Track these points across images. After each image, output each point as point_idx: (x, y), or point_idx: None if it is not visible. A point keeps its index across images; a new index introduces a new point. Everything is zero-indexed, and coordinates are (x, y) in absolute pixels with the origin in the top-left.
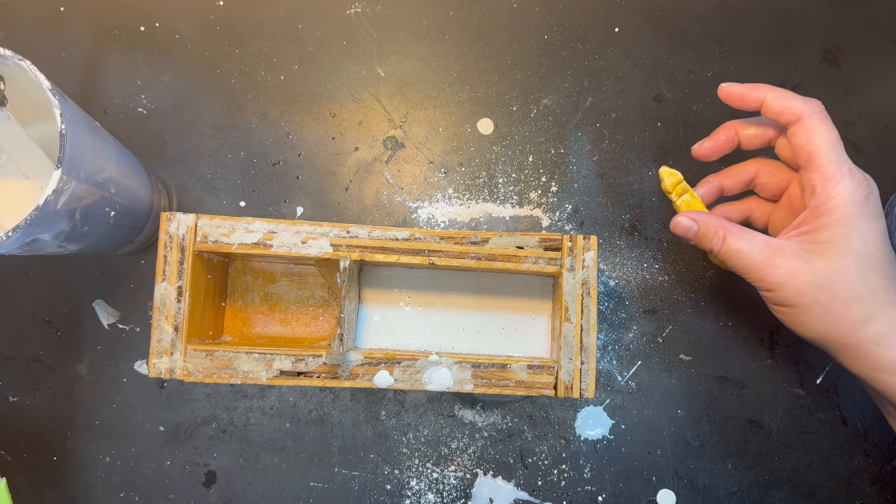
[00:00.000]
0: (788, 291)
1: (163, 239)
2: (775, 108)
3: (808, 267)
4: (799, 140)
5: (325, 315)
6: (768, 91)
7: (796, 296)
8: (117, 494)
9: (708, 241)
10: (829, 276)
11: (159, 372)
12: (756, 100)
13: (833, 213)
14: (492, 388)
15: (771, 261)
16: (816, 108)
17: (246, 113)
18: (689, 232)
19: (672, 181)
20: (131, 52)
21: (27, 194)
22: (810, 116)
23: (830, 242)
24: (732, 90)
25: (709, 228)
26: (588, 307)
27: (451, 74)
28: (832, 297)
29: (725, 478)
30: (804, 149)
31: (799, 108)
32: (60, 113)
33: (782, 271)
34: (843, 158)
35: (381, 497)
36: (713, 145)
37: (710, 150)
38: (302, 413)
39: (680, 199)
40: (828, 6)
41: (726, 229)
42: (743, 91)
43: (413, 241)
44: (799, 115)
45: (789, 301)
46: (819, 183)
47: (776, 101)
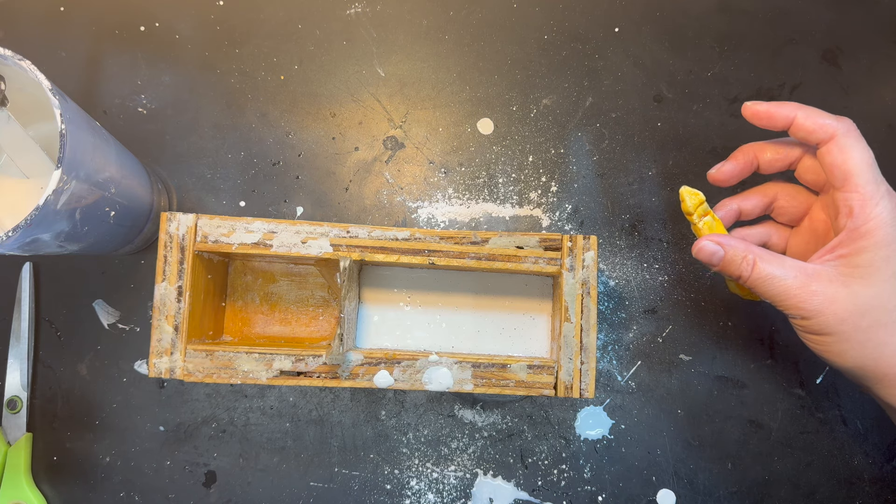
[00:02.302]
0: (827, 319)
1: (163, 239)
2: (807, 127)
3: (849, 292)
4: (833, 159)
5: (325, 315)
6: (798, 109)
7: (836, 323)
8: (117, 494)
9: (735, 268)
10: (872, 301)
11: (159, 372)
12: (785, 118)
13: (873, 235)
14: (492, 387)
15: (807, 287)
16: (850, 126)
17: (246, 113)
18: (714, 257)
19: (694, 202)
20: (131, 52)
21: (27, 194)
22: (845, 135)
23: (871, 266)
24: (759, 109)
25: (736, 253)
26: (588, 307)
27: (451, 74)
28: (875, 324)
29: (725, 478)
30: (839, 168)
31: (832, 126)
32: (60, 113)
33: (820, 297)
34: (879, 178)
35: (381, 497)
36: (732, 169)
37: (728, 175)
38: (302, 413)
39: (701, 222)
40: (828, 6)
41: (756, 254)
42: (771, 109)
43: (413, 241)
44: (832, 133)
45: (828, 329)
46: (857, 204)
47: (807, 119)
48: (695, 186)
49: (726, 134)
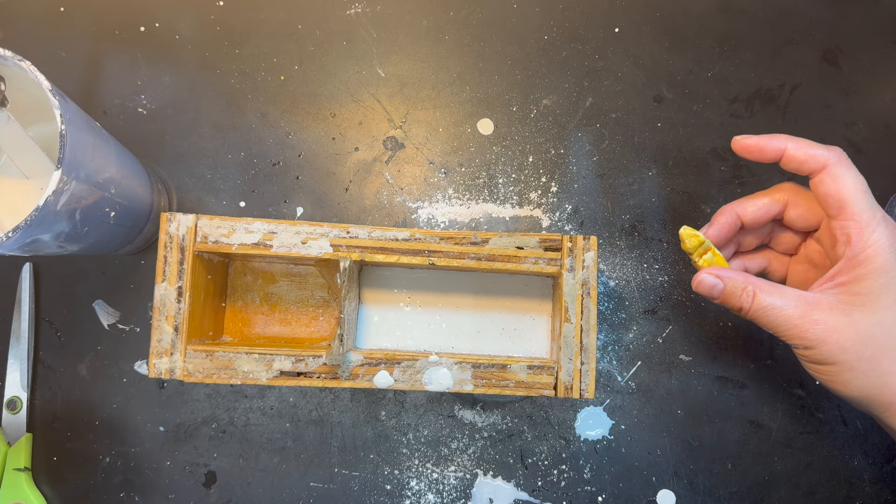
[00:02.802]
0: (830, 348)
1: (163, 239)
2: (798, 158)
3: (850, 320)
4: (827, 189)
5: (325, 315)
6: (788, 141)
7: (839, 352)
8: (117, 494)
9: (736, 300)
10: (874, 328)
11: (159, 372)
12: (775, 150)
13: (872, 262)
14: (492, 388)
15: (808, 316)
16: (841, 155)
17: (246, 113)
18: (714, 290)
19: (693, 243)
20: (131, 52)
21: (27, 195)
22: (836, 164)
23: (872, 293)
24: (749, 143)
25: (736, 285)
26: (588, 307)
27: (451, 75)
28: (879, 352)
29: (725, 478)
30: (834, 197)
31: (823, 156)
32: (60, 113)
33: (821, 327)
34: (874, 205)
35: (380, 497)
36: (717, 233)
37: (713, 239)
38: (302, 413)
39: (702, 259)
40: (828, 6)
41: (755, 285)
42: (760, 143)
43: (413, 241)
44: (824, 163)
45: (831, 358)
46: (854, 231)
47: (798, 150)
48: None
49: (726, 134)
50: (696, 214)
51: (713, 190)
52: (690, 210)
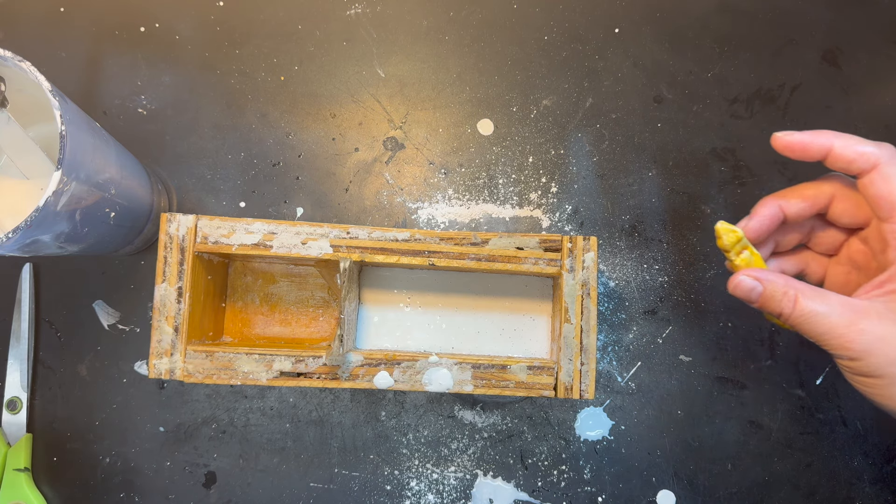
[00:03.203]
0: (878, 360)
1: (163, 240)
2: (846, 157)
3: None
4: (878, 190)
5: (325, 316)
6: (835, 138)
7: (887, 364)
8: (117, 495)
9: (776, 304)
10: None
11: (159, 373)
12: (821, 148)
13: None
14: (492, 388)
15: (854, 325)
16: (893, 152)
17: (246, 113)
18: (753, 293)
19: (731, 239)
20: (131, 53)
21: (27, 195)
22: (888, 163)
23: None
24: (792, 139)
25: (776, 289)
26: (588, 308)
27: (452, 75)
28: None
29: (725, 478)
30: (885, 199)
31: (874, 154)
32: (60, 114)
33: (869, 337)
34: None
35: (380, 498)
36: (758, 226)
37: (754, 233)
38: (302, 414)
39: (739, 258)
40: (828, 6)
41: (797, 289)
42: (805, 139)
43: (413, 241)
44: (875, 162)
45: (878, 371)
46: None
47: (846, 148)
48: (722, 216)
49: (726, 134)
50: (697, 214)
51: (713, 190)
52: (690, 210)
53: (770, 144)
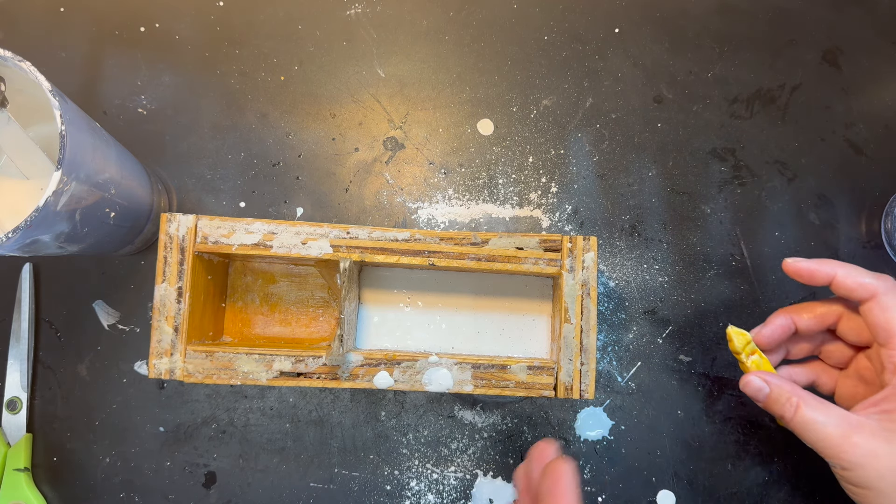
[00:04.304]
0: (868, 473)
1: (163, 240)
2: (847, 286)
3: (891, 449)
4: (876, 318)
5: (325, 316)
6: (838, 267)
7: (876, 478)
8: (117, 495)
9: (780, 408)
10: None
11: (159, 373)
12: (826, 276)
13: None
14: (492, 388)
15: (848, 438)
16: (891, 284)
17: (246, 114)
18: (760, 394)
19: (742, 342)
20: (131, 53)
21: (27, 195)
22: (886, 294)
23: None
24: (801, 266)
25: (781, 393)
26: (588, 308)
27: (451, 75)
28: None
29: (725, 478)
30: (883, 327)
31: (873, 285)
32: (60, 114)
33: (861, 450)
34: None
35: (380, 498)
36: (771, 334)
37: (766, 340)
38: (302, 414)
39: (749, 360)
40: (828, 6)
41: (800, 397)
42: (812, 267)
43: (413, 241)
44: (874, 292)
45: (867, 483)
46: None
47: (847, 278)
48: (736, 322)
49: (726, 135)
50: (696, 214)
51: (713, 190)
52: (690, 210)
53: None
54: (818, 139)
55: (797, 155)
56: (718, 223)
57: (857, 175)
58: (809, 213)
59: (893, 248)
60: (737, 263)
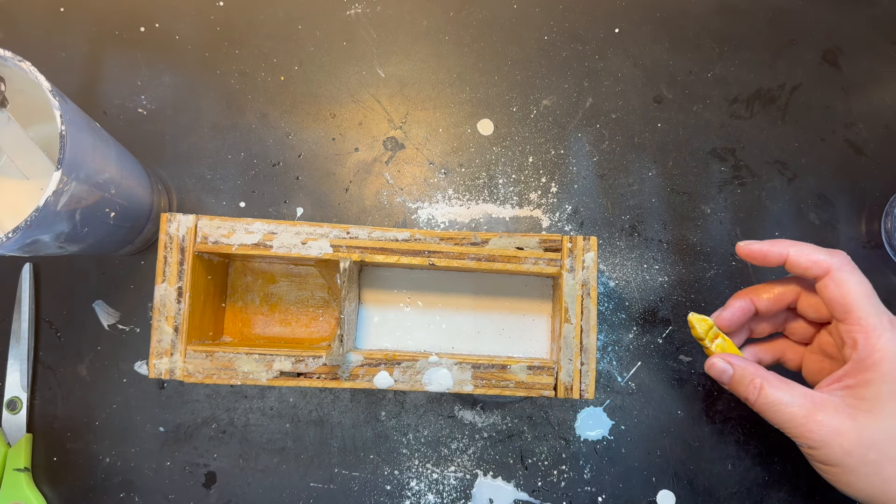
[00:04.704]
0: (834, 450)
1: (163, 240)
2: (801, 264)
3: (855, 424)
4: (831, 294)
5: (325, 316)
6: (790, 247)
7: (843, 455)
8: (117, 495)
9: (743, 389)
10: (879, 434)
11: (159, 373)
12: (778, 256)
13: (879, 368)
14: (492, 388)
15: (813, 416)
16: (844, 260)
17: (246, 114)
18: (724, 375)
19: (703, 327)
20: (131, 53)
21: (27, 195)
22: (840, 269)
23: (878, 399)
24: (753, 248)
25: (745, 375)
26: (588, 308)
27: (451, 75)
28: (882, 457)
29: (725, 478)
30: (839, 302)
31: (826, 261)
32: (60, 114)
33: (826, 428)
34: (881, 309)
35: (381, 498)
36: (731, 316)
37: (727, 322)
38: (302, 414)
39: (713, 345)
40: (828, 6)
41: (764, 378)
42: (764, 248)
43: (413, 241)
44: (827, 268)
45: (834, 460)
46: (861, 336)
47: (800, 256)
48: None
49: (726, 135)
50: (696, 214)
51: (713, 190)
52: (690, 210)
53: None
54: (818, 139)
55: (797, 155)
56: (718, 223)
57: (857, 175)
58: (809, 213)
59: (893, 248)
60: (737, 263)
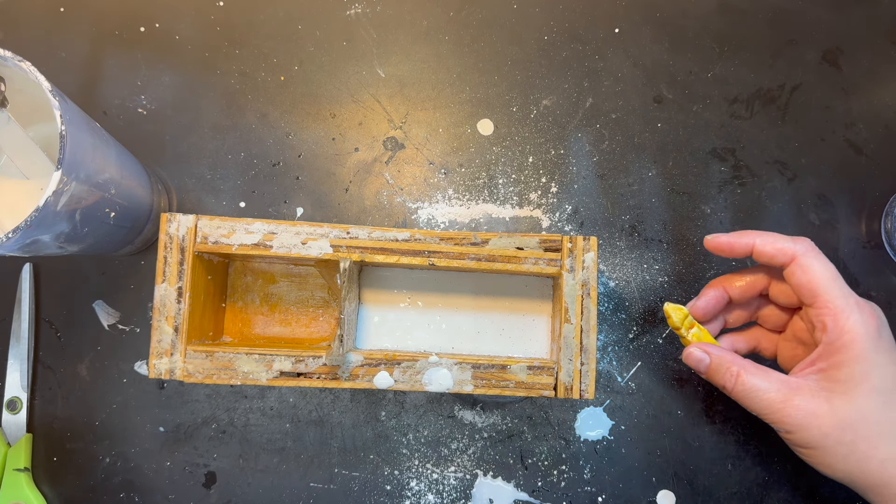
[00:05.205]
0: (811, 433)
1: (163, 240)
2: (766, 253)
3: (830, 406)
4: (798, 280)
5: (325, 316)
6: (756, 237)
7: (820, 437)
8: (117, 495)
9: (720, 377)
10: (853, 415)
11: (159, 373)
12: (745, 247)
13: (849, 350)
14: (492, 388)
15: (789, 401)
16: (808, 245)
17: (246, 114)
18: (701, 364)
19: (679, 316)
20: (131, 53)
21: (27, 195)
22: (804, 255)
23: (851, 380)
24: (720, 241)
25: (722, 363)
26: (588, 308)
27: (451, 75)
28: (857, 437)
29: (725, 478)
30: (805, 287)
31: (791, 248)
32: (60, 114)
33: (802, 412)
34: (847, 291)
35: (380, 498)
36: (705, 305)
37: (702, 311)
38: (302, 414)
39: (689, 334)
40: (828, 6)
41: (740, 365)
42: (731, 240)
43: (413, 241)
44: (792, 255)
45: (812, 443)
46: (829, 319)
47: (765, 245)
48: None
49: (726, 135)
50: (696, 214)
51: (713, 190)
52: (690, 210)
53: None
54: (818, 139)
55: (797, 155)
56: (718, 223)
57: (857, 175)
58: (809, 213)
59: (893, 248)
60: (736, 263)
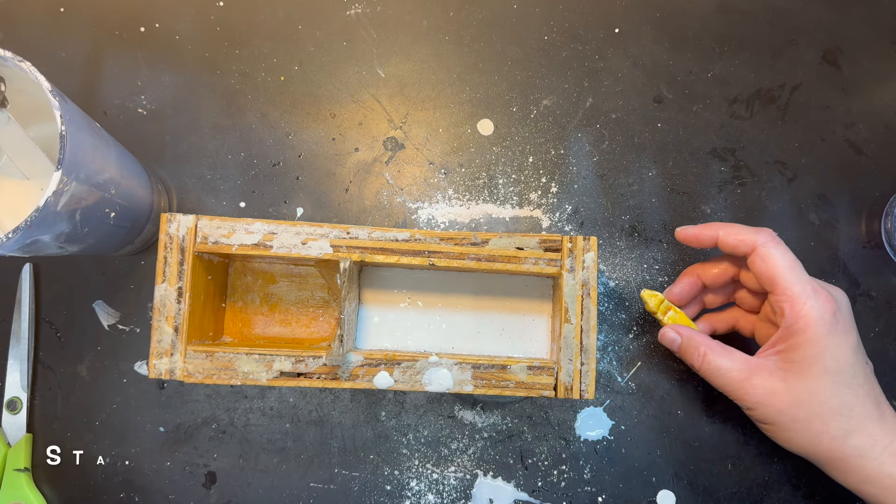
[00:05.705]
0: (768, 410)
1: (163, 240)
2: (729, 243)
3: (785, 385)
4: (759, 268)
5: (325, 316)
6: (720, 228)
7: (776, 413)
8: (117, 495)
9: (690, 356)
10: (805, 394)
11: (159, 373)
12: (710, 238)
13: (804, 333)
14: (492, 388)
15: (749, 380)
16: (769, 236)
17: (246, 114)
18: (674, 344)
19: (655, 302)
20: (131, 53)
21: (27, 195)
22: (764, 245)
23: (804, 362)
24: (688, 232)
25: (691, 344)
26: (588, 308)
27: (452, 75)
28: (810, 415)
29: (725, 478)
30: (766, 274)
31: (752, 239)
32: (60, 114)
33: (761, 390)
34: (804, 279)
35: (381, 498)
36: (681, 291)
37: (678, 297)
38: (302, 414)
39: (666, 317)
40: (828, 6)
41: (708, 346)
42: (697, 231)
43: (413, 242)
44: (753, 245)
45: (770, 419)
46: (787, 305)
47: (728, 236)
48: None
49: (726, 135)
50: (696, 214)
51: (713, 190)
52: (690, 210)
53: (770, 144)
54: (818, 139)
55: (797, 155)
56: None
57: (857, 175)
58: (809, 213)
59: (893, 248)
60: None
